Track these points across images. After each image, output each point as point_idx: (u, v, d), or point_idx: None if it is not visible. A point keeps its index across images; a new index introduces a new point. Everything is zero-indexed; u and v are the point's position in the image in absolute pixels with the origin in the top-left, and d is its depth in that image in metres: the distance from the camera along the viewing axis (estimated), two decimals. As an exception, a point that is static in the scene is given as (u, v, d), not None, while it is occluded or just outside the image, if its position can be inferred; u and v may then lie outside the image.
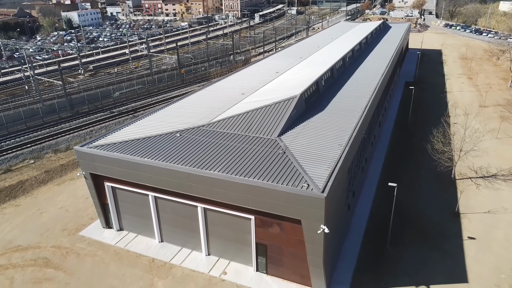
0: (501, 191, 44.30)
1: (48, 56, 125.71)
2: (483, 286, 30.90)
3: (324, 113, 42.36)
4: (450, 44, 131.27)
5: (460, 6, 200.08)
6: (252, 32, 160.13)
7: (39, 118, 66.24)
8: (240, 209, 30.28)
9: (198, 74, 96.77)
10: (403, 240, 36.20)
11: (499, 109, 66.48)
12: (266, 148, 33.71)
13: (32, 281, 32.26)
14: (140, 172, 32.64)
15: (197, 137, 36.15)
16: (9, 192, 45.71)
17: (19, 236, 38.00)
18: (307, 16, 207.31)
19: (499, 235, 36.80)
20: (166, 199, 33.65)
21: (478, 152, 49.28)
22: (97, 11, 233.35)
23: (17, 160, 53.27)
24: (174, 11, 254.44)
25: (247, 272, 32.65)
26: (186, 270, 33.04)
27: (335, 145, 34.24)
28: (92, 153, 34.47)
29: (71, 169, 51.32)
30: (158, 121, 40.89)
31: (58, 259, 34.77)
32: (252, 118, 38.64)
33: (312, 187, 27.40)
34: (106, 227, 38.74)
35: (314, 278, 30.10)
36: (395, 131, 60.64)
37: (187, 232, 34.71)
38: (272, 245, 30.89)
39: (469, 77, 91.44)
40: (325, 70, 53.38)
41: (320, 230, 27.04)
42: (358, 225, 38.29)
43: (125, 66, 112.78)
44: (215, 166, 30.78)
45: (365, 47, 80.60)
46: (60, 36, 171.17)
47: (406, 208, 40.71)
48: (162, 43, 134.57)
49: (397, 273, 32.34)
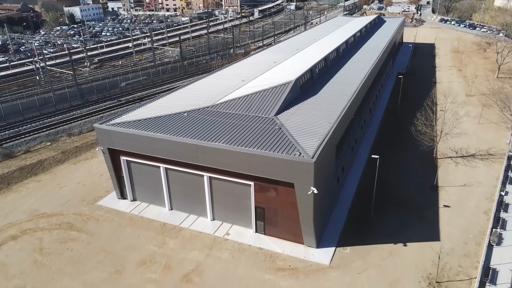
0: (478, 168, 48.85)
1: (54, 49, 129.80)
2: (453, 243, 35.50)
3: (316, 97, 46.81)
4: (443, 38, 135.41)
5: (455, 1, 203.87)
6: (252, 27, 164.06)
7: (52, 106, 70.62)
8: (241, 176, 34.77)
9: (200, 66, 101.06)
10: (386, 208, 40.76)
11: (484, 98, 70.80)
12: (264, 125, 38.17)
13: (58, 241, 36.80)
14: (153, 146, 37.11)
15: (203, 116, 40.58)
16: (30, 170, 50.20)
17: (43, 206, 42.53)
18: (306, 11, 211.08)
19: (471, 204, 41.41)
20: (176, 170, 38.14)
21: (459, 134, 53.79)
22: (98, 6, 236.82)
23: (35, 143, 57.74)
24: (175, 6, 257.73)
25: (247, 233, 37.23)
26: (193, 232, 37.61)
27: (325, 122, 38.70)
28: (110, 130, 38.94)
29: (85, 150, 55.79)
30: (167, 104, 45.27)
31: (80, 223, 39.32)
32: (252, 100, 43.09)
33: (303, 154, 31.88)
34: (121, 198, 43.24)
35: (305, 236, 34.68)
36: (385, 117, 65.21)
37: (194, 200, 39.21)
38: (269, 208, 35.43)
39: (459, 69, 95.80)
40: (319, 59, 57.79)
41: (310, 192, 31.54)
42: (346, 196, 42.88)
43: (129, 59, 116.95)
44: (219, 139, 35.23)
45: (359, 39, 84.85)
46: (64, 30, 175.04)
47: (390, 182, 45.28)
48: (164, 37, 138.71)
49: (378, 234, 36.90)
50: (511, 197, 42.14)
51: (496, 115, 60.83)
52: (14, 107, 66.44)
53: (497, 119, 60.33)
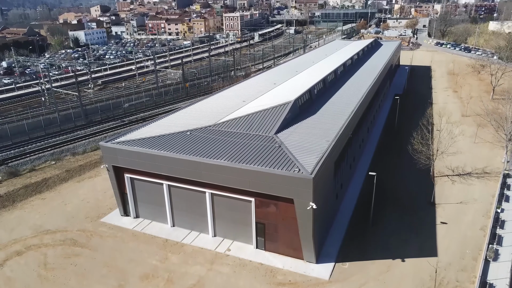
0: (474, 186, 49.85)
1: (59, 72, 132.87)
2: (450, 258, 36.15)
3: (315, 116, 48.34)
4: (439, 60, 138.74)
5: (451, 25, 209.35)
6: (252, 50, 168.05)
7: (57, 126, 72.21)
8: (242, 193, 35.81)
9: (202, 87, 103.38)
10: (385, 223, 41.55)
11: (479, 118, 72.41)
12: (265, 143, 39.48)
13: (62, 256, 37.45)
14: (157, 163, 38.31)
15: (205, 134, 41.95)
16: (35, 188, 51.19)
17: (47, 222, 43.33)
18: (305, 35, 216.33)
19: (468, 220, 42.22)
20: (178, 187, 39.18)
21: (455, 153, 55.05)
22: (102, 31, 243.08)
23: (40, 161, 58.94)
24: (177, 31, 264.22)
25: (248, 248, 37.92)
26: (195, 247, 38.30)
27: (323, 140, 40.03)
28: (115, 147, 40.24)
29: (89, 169, 56.91)
30: (170, 123, 46.73)
31: (83, 239, 40.05)
32: (253, 119, 44.58)
33: (302, 170, 33.05)
34: (124, 215, 44.08)
35: (305, 251, 35.39)
36: (383, 136, 66.66)
37: (196, 216, 40.06)
38: (269, 224, 36.28)
39: (455, 90, 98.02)
40: (318, 81, 59.72)
41: (309, 207, 32.51)
42: (345, 211, 43.71)
43: (132, 81, 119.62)
44: (221, 156, 36.47)
45: (356, 62, 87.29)
46: (68, 54, 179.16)
47: (388, 198, 46.20)
48: (167, 59, 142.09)
49: (377, 249, 37.59)
50: (507, 214, 42.95)
51: (491, 134, 62.21)
52: (20, 127, 68.01)
53: (492, 138, 61.69)
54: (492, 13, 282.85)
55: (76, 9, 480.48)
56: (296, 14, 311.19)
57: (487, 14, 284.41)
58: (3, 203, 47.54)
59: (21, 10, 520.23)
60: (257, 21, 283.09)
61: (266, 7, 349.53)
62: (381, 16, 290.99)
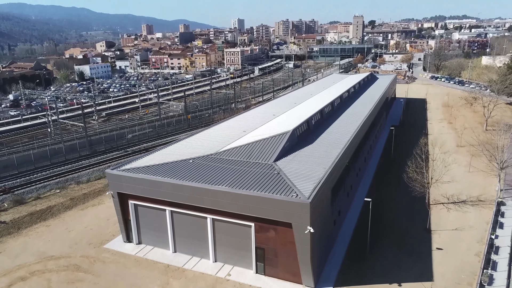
0: (469, 213, 51.00)
1: (64, 104, 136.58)
2: (446, 283, 36.88)
3: (313, 145, 50.32)
4: (434, 93, 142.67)
5: (445, 60, 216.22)
6: (252, 83, 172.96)
7: (62, 156, 74.11)
8: (242, 218, 37.10)
9: (203, 119, 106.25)
10: (382, 249, 42.44)
11: (473, 148, 74.39)
12: (264, 170, 41.19)
13: (66, 282, 38.17)
14: (160, 189, 39.85)
15: (207, 162, 43.74)
16: (40, 215, 52.34)
17: (51, 249, 44.23)
18: (303, 69, 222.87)
19: (463, 246, 43.13)
20: (181, 213, 40.50)
21: (450, 182, 56.47)
22: (107, 65, 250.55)
23: (44, 190, 60.35)
24: (179, 65, 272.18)
25: (248, 273, 38.70)
26: (196, 272, 39.08)
27: (320, 168, 41.75)
28: (119, 175, 41.92)
29: (93, 197, 58.22)
30: (173, 152, 48.65)
31: (86, 265, 40.84)
32: (252, 148, 46.54)
33: (300, 195, 34.56)
34: (127, 241, 45.03)
35: (304, 275, 36.20)
36: (380, 165, 68.33)
37: (197, 242, 41.08)
38: (268, 248, 37.31)
39: (449, 121, 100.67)
40: (315, 112, 62.21)
41: (307, 231, 33.74)
42: (343, 238, 44.67)
43: (135, 113, 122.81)
44: (222, 183, 38.07)
45: (353, 94, 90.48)
46: (74, 87, 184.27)
47: (385, 225, 47.28)
48: (169, 92, 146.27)
49: (374, 274, 38.36)
50: (501, 240, 43.92)
51: (485, 163, 63.93)
52: (27, 157, 69.93)
53: (486, 167, 63.35)
54: (484, 48, 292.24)
55: (82, 44, 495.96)
56: (295, 49, 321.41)
57: (480, 49, 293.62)
58: (9, 230, 48.60)
59: (28, 46, 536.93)
60: (257, 56, 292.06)
61: (266, 42, 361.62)
62: (377, 51, 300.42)
